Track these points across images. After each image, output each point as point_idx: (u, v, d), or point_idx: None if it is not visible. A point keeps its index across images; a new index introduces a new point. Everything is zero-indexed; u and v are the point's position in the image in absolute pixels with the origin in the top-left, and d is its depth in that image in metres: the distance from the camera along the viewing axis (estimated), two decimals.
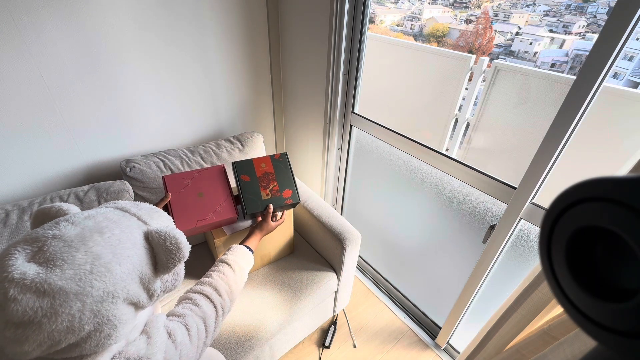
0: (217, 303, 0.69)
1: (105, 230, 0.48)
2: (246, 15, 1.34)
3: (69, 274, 0.42)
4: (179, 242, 0.53)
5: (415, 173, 1.28)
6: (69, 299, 0.41)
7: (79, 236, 0.46)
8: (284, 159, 1.07)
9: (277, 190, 1.01)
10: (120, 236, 0.49)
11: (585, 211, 0.20)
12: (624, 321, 0.18)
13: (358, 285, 1.67)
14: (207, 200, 0.96)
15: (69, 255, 0.43)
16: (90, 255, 0.44)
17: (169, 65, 1.22)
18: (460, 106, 2.28)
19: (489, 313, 0.97)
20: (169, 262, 0.52)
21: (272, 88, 1.61)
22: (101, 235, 0.47)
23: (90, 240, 0.46)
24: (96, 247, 0.45)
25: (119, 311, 0.46)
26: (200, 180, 0.98)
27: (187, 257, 0.55)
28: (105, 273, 0.44)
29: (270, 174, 1.03)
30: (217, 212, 0.95)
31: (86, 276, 0.43)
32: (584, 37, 10.98)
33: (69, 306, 0.41)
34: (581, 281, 0.21)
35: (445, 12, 14.82)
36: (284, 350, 1.23)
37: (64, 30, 0.97)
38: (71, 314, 0.41)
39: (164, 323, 0.60)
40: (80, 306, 0.42)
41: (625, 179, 0.18)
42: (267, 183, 1.02)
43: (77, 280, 0.42)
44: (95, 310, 0.43)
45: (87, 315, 0.42)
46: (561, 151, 0.78)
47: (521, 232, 0.97)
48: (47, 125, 1.05)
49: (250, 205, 0.97)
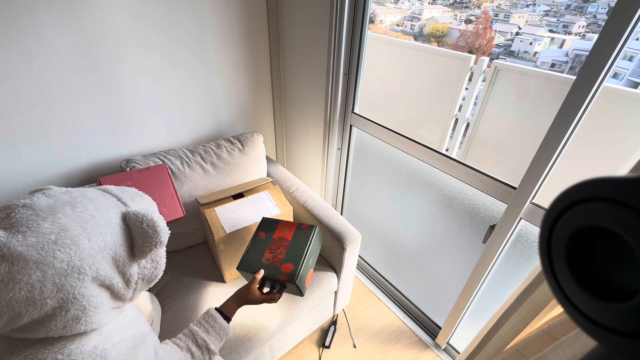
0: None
1: (79, 204, 0.47)
2: (246, 15, 1.34)
3: (31, 241, 0.41)
4: (156, 226, 0.51)
5: (415, 173, 1.28)
6: (28, 266, 0.40)
7: (50, 207, 0.45)
8: (310, 232, 0.96)
9: (279, 260, 0.90)
10: (93, 212, 0.47)
11: (585, 211, 0.20)
12: (624, 321, 0.18)
13: (358, 285, 1.67)
14: None
15: (35, 223, 0.42)
16: (57, 226, 0.43)
17: (169, 65, 1.22)
18: (460, 106, 2.28)
19: (489, 313, 0.97)
20: (145, 246, 0.50)
21: (272, 88, 1.61)
22: (73, 208, 0.46)
23: (60, 211, 0.45)
24: (65, 218, 0.44)
25: (87, 290, 0.44)
26: (142, 181, 0.93)
27: (165, 242, 0.53)
28: (70, 245, 0.43)
29: (285, 241, 0.94)
30: (163, 214, 0.88)
31: (49, 245, 0.41)
32: (584, 37, 10.99)
33: (27, 274, 0.39)
34: (581, 281, 0.21)
35: (445, 12, 14.82)
36: (284, 350, 1.23)
37: (64, 30, 0.97)
38: (30, 283, 0.40)
39: (153, 342, 0.59)
40: (41, 276, 0.40)
41: (625, 179, 0.18)
42: (276, 248, 0.93)
43: (38, 248, 0.41)
44: (58, 284, 0.42)
45: (48, 287, 0.41)
46: (561, 151, 0.78)
47: (521, 232, 0.97)
48: (47, 125, 1.05)
49: (245, 261, 0.90)
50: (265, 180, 1.27)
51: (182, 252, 1.26)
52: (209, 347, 0.71)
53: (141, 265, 0.53)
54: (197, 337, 0.71)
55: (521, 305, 0.81)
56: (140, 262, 0.52)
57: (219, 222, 1.08)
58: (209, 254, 1.28)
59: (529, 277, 0.79)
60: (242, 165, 1.32)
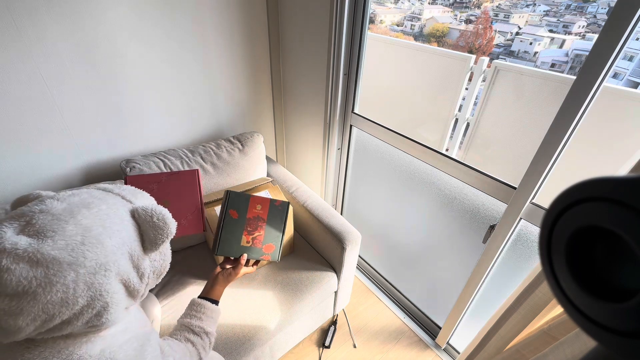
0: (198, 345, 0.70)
1: (92, 205, 0.48)
2: (246, 15, 1.34)
3: (61, 244, 0.42)
4: (165, 218, 0.53)
5: (415, 173, 1.28)
6: (63, 269, 0.41)
7: (67, 210, 0.46)
8: (284, 208, 0.95)
9: (259, 241, 0.90)
10: (107, 211, 0.49)
11: (585, 211, 0.20)
12: (624, 321, 0.18)
13: (358, 285, 1.67)
14: (172, 210, 0.83)
15: (59, 227, 0.43)
16: (80, 227, 0.44)
17: (169, 65, 1.22)
18: (460, 106, 2.28)
19: (489, 313, 0.97)
20: (157, 239, 0.52)
21: (272, 88, 1.61)
22: (89, 209, 0.47)
23: (79, 214, 0.46)
24: (85, 220, 0.46)
25: (111, 287, 0.46)
26: (168, 186, 0.87)
27: (174, 233, 0.55)
28: (96, 244, 0.44)
29: (262, 220, 0.91)
30: (182, 226, 0.81)
31: (78, 247, 0.43)
32: (584, 37, 11.00)
33: (63, 276, 0.41)
34: (581, 281, 0.21)
35: (445, 12, 14.83)
36: (284, 350, 1.23)
37: (64, 30, 0.97)
38: (65, 284, 0.41)
39: (157, 340, 0.60)
40: (74, 277, 0.42)
41: (625, 179, 0.18)
42: (254, 229, 0.90)
43: (69, 250, 0.42)
44: (88, 282, 0.43)
45: (81, 287, 0.42)
46: (561, 151, 0.78)
47: (521, 232, 0.97)
48: (47, 125, 1.05)
49: (223, 247, 0.85)
50: (265, 180, 1.27)
51: (182, 252, 1.26)
52: (206, 330, 0.72)
53: (152, 259, 0.54)
54: (191, 327, 0.72)
55: (521, 305, 0.81)
56: (150, 255, 0.54)
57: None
58: (209, 254, 1.28)
59: (529, 277, 0.79)
60: (242, 165, 1.32)
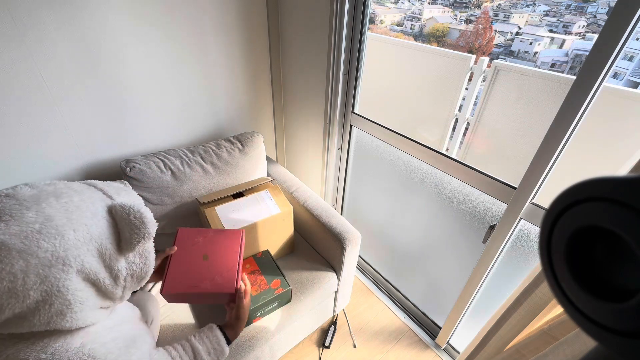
0: None
1: (64, 195, 0.46)
2: (246, 15, 1.34)
3: (14, 230, 0.39)
4: (143, 217, 0.50)
5: (415, 173, 1.28)
6: (11, 255, 0.38)
7: (34, 197, 0.44)
8: (266, 255, 1.15)
9: (265, 284, 1.05)
10: (79, 204, 0.46)
11: (585, 211, 0.20)
12: (624, 321, 0.18)
13: (358, 285, 1.67)
14: (210, 265, 0.83)
15: (18, 212, 0.41)
16: (42, 216, 0.42)
17: (169, 65, 1.22)
18: (460, 106, 2.28)
19: (489, 313, 0.97)
20: (133, 238, 0.49)
21: (272, 88, 1.61)
22: (57, 199, 0.45)
23: (45, 201, 0.43)
24: (49, 208, 0.43)
25: (71, 284, 0.43)
26: (212, 241, 0.87)
27: (153, 234, 0.52)
28: (55, 235, 0.42)
29: (256, 271, 1.09)
30: (215, 282, 0.80)
31: (33, 235, 0.40)
32: (584, 37, 11.00)
33: (10, 263, 0.38)
34: (581, 281, 0.21)
35: (445, 12, 14.83)
36: (284, 350, 1.23)
37: (63, 30, 0.97)
38: (12, 273, 0.38)
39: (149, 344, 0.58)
40: (24, 265, 0.39)
41: (625, 179, 0.18)
42: (255, 280, 1.06)
43: (22, 237, 0.39)
44: (42, 275, 0.40)
45: (31, 278, 0.39)
46: (561, 151, 0.78)
47: (521, 232, 0.97)
48: (47, 125, 1.05)
49: None
50: (266, 179, 1.27)
51: None
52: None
53: (129, 260, 0.51)
54: (197, 355, 0.68)
55: (521, 305, 0.81)
56: (128, 256, 0.51)
57: (219, 222, 1.08)
58: None
59: (529, 277, 0.79)
60: (242, 165, 1.32)
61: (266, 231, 1.15)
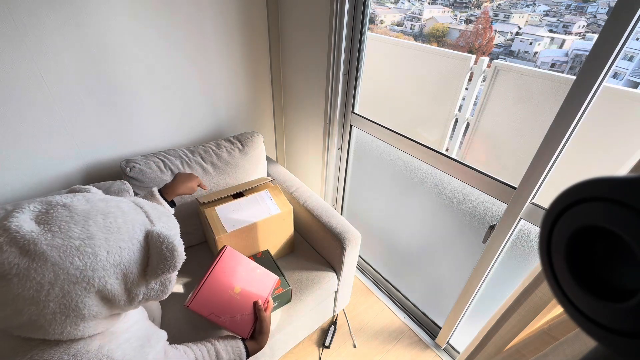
0: None
1: (110, 215, 0.48)
2: (246, 15, 1.34)
3: (57, 242, 0.41)
4: (174, 249, 0.51)
5: (415, 173, 1.28)
6: (45, 267, 0.40)
7: (85, 212, 0.45)
8: (266, 255, 1.16)
9: None
10: (121, 225, 0.48)
11: (585, 211, 0.20)
12: (624, 321, 0.18)
13: (358, 285, 1.67)
14: (238, 301, 0.85)
15: (67, 226, 0.43)
16: (85, 233, 0.44)
17: (169, 65, 1.22)
18: (460, 106, 2.28)
19: (489, 313, 0.97)
20: (158, 268, 0.50)
21: (272, 88, 1.61)
22: (105, 218, 0.47)
23: (92, 219, 0.45)
24: (94, 227, 0.45)
25: (89, 301, 0.44)
26: (249, 276, 0.90)
27: (179, 267, 0.53)
28: (90, 254, 0.43)
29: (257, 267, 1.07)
30: (234, 320, 0.82)
31: (71, 250, 0.42)
32: (584, 37, 11.01)
33: (42, 274, 0.40)
34: (581, 281, 0.21)
35: (445, 12, 14.84)
36: (284, 350, 1.23)
37: (64, 30, 0.97)
38: (40, 283, 0.40)
39: (163, 342, 0.59)
40: (52, 278, 0.41)
41: (625, 179, 0.18)
42: None
43: (61, 251, 0.41)
44: (65, 290, 0.42)
45: (56, 291, 0.41)
46: (561, 151, 0.78)
47: (521, 232, 0.97)
48: (47, 125, 1.05)
49: None
50: (266, 179, 1.27)
51: None
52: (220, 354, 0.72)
53: (149, 287, 0.52)
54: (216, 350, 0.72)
55: (521, 305, 0.81)
56: (149, 282, 0.52)
57: (219, 221, 1.08)
58: (209, 254, 1.27)
59: (529, 277, 0.79)
60: (242, 165, 1.32)
61: (266, 231, 1.15)
